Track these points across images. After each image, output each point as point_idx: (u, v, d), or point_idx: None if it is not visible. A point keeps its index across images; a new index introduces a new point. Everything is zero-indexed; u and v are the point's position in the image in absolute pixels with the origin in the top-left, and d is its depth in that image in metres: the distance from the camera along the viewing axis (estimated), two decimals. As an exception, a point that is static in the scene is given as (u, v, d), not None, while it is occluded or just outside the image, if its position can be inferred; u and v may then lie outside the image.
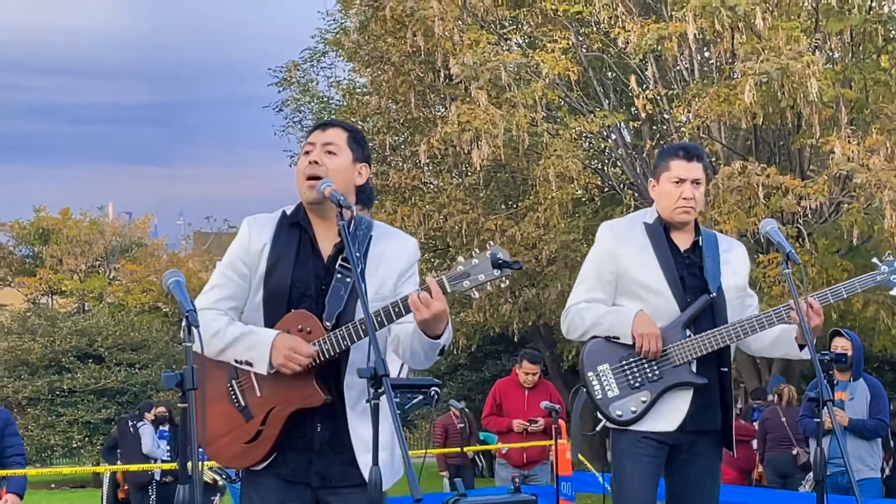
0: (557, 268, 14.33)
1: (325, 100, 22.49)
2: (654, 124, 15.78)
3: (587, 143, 16.47)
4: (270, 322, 3.51)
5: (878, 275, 4.44)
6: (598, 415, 4.37)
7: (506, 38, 15.51)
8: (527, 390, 9.44)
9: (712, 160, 14.01)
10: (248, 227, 3.62)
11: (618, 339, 4.34)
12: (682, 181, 4.37)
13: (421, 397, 5.56)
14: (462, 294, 3.49)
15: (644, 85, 14.16)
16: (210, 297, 3.58)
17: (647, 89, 14.04)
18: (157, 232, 41.04)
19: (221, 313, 3.55)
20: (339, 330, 3.42)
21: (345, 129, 3.65)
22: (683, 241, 4.44)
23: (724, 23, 12.14)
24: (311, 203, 3.56)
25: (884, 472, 9.35)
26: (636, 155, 15.26)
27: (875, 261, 4.49)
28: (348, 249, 3.33)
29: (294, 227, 3.60)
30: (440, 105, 16.07)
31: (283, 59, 31.93)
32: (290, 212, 3.65)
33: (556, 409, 8.34)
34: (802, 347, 4.29)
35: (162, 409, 12.81)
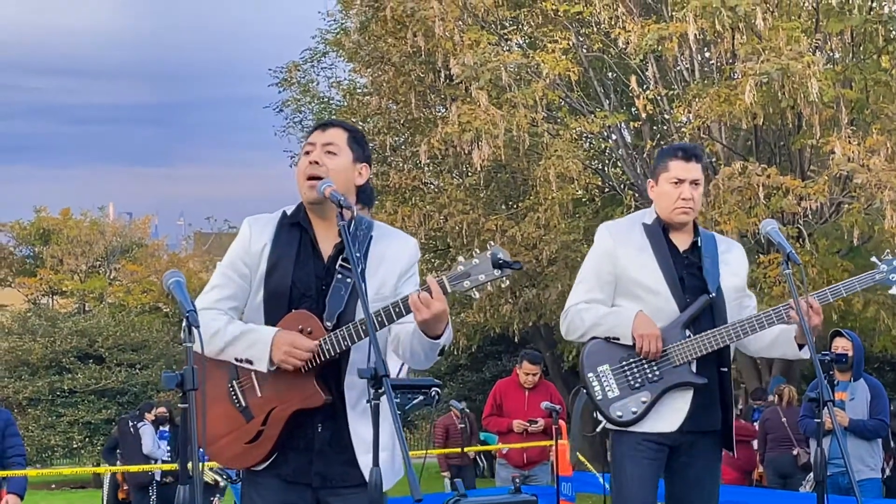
0: (558, 268, 14.32)
1: (325, 100, 22.49)
2: (655, 125, 15.77)
3: (588, 143, 16.46)
4: (271, 322, 3.51)
5: (876, 273, 4.45)
6: (599, 416, 4.37)
7: (506, 39, 15.51)
8: (527, 391, 9.43)
9: (713, 160, 14.01)
10: (249, 227, 3.62)
11: (618, 339, 4.34)
12: (681, 182, 4.38)
13: (421, 398, 5.56)
14: (462, 294, 3.49)
15: (644, 85, 14.16)
16: (210, 298, 3.58)
17: (648, 90, 14.04)
18: (157, 232, 41.03)
19: (221, 313, 3.55)
20: (339, 330, 3.41)
21: (345, 129, 3.64)
22: (682, 241, 4.44)
23: (724, 23, 12.14)
24: (311, 203, 3.56)
25: (884, 472, 9.34)
26: (637, 155, 15.25)
27: (874, 259, 4.50)
28: (349, 249, 3.32)
29: (294, 228, 3.60)
30: (441, 105, 16.06)
31: (283, 59, 32.04)
32: (290, 212, 3.65)
33: (556, 409, 8.34)
34: (801, 347, 4.30)
35: (162, 410, 12.82)
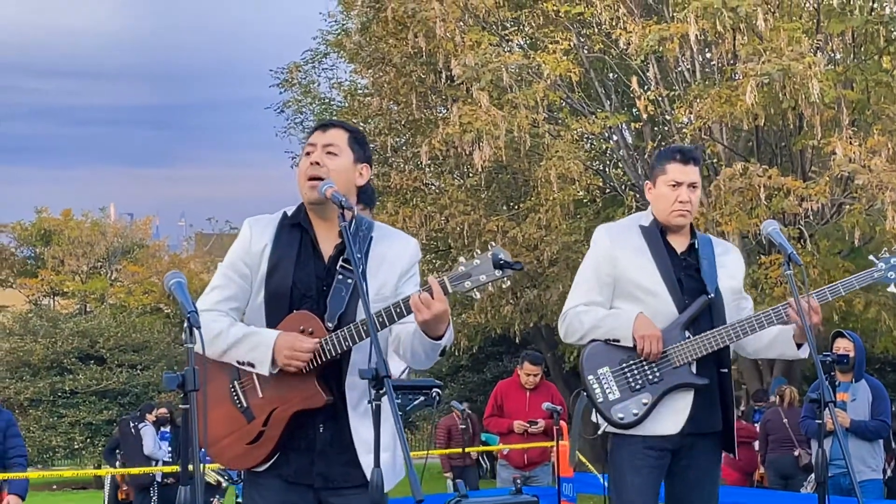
0: (559, 269, 14.32)
1: (326, 101, 22.49)
2: (656, 125, 15.77)
3: (589, 144, 16.46)
4: (272, 323, 3.51)
5: (875, 272, 4.44)
6: (600, 418, 4.36)
7: (507, 40, 15.53)
8: (528, 391, 9.43)
9: (714, 161, 14.01)
10: (250, 227, 3.62)
11: (617, 341, 4.33)
12: (679, 184, 4.37)
13: (422, 398, 5.55)
14: (463, 295, 3.48)
15: (645, 86, 14.16)
16: (211, 299, 3.58)
17: (649, 90, 14.03)
18: (158, 233, 41.03)
19: (223, 314, 3.55)
20: (340, 331, 3.41)
21: (346, 130, 3.64)
22: (679, 243, 4.44)
23: (725, 24, 12.14)
24: (312, 204, 3.56)
25: (885, 473, 9.33)
26: (637, 156, 15.25)
27: (872, 258, 4.49)
28: (350, 250, 3.32)
29: (295, 228, 3.60)
30: (442, 106, 16.07)
31: (284, 60, 32.01)
32: (291, 213, 3.64)
33: (557, 410, 8.34)
34: (800, 346, 4.30)
35: (163, 411, 12.83)
